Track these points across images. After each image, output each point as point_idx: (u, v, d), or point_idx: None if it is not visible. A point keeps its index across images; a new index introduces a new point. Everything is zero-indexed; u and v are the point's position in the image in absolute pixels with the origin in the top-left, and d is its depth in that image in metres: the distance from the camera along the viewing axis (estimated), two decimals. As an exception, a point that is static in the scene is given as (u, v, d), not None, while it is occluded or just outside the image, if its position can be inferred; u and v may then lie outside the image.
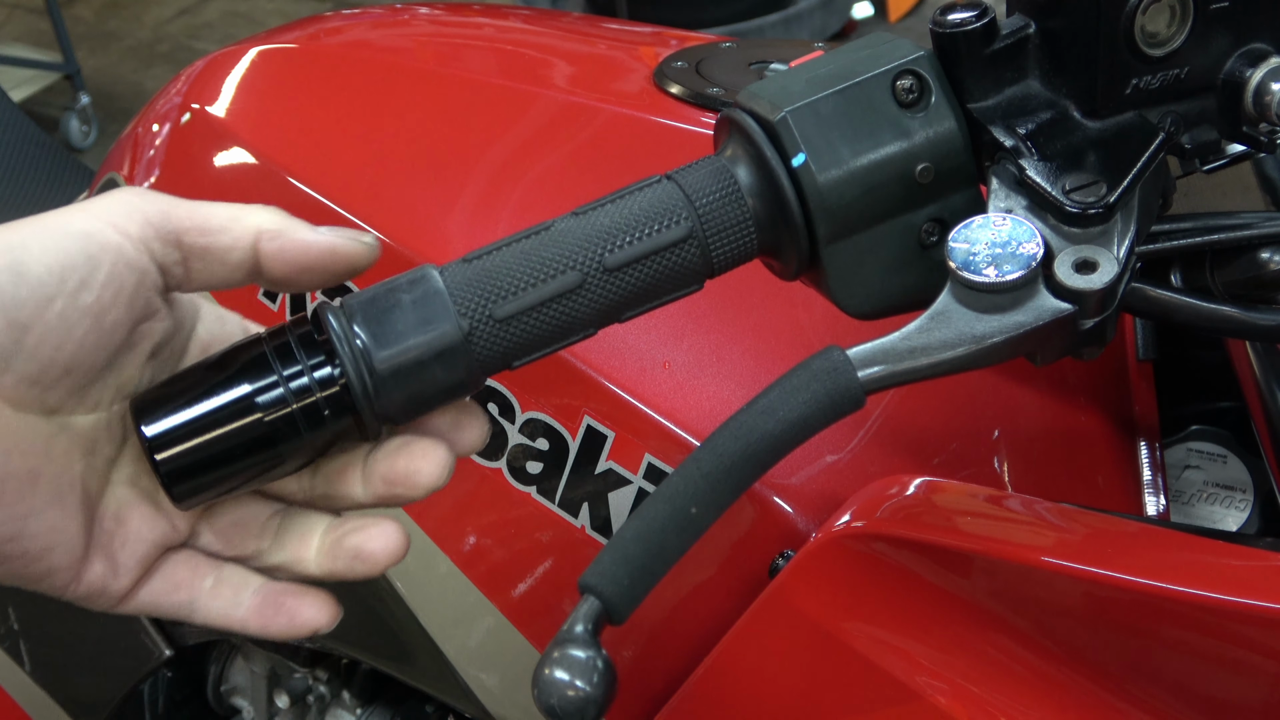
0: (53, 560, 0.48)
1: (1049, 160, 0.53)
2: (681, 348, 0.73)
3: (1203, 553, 0.52)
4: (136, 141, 1.06)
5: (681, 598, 0.71)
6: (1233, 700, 0.49)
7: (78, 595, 0.50)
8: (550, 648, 0.47)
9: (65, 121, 3.66)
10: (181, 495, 0.49)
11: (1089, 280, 0.50)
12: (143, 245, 0.47)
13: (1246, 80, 0.53)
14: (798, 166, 0.53)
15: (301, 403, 0.49)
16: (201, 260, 0.49)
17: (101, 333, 0.46)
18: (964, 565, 0.54)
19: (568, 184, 0.85)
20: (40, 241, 0.45)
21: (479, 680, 0.82)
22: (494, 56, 1.05)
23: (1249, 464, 0.72)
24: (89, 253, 0.45)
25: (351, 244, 0.51)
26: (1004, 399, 0.72)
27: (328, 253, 0.50)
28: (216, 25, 4.37)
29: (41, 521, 0.47)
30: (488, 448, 0.77)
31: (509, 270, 0.51)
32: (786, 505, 0.68)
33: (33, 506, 0.47)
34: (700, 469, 0.50)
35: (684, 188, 0.53)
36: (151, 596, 0.52)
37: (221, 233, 0.49)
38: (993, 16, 0.54)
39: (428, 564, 0.81)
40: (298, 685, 1.10)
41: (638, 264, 0.52)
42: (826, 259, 0.54)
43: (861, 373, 0.51)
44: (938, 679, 0.55)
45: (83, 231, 0.46)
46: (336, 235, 0.51)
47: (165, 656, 1.09)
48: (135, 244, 0.47)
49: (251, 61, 1.04)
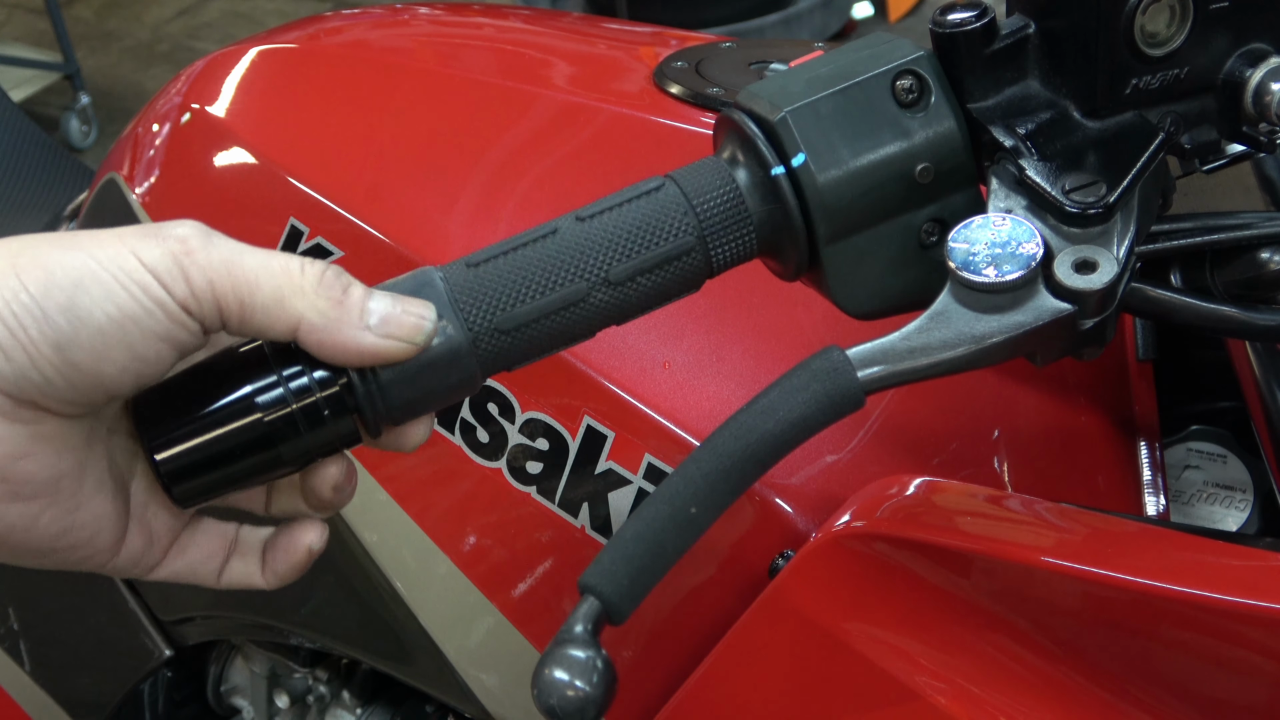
0: (96, 544, 0.50)
1: (1049, 160, 0.53)
2: (681, 348, 0.73)
3: (1203, 553, 0.52)
4: (136, 141, 1.06)
5: (681, 598, 0.71)
6: (1233, 700, 0.49)
7: (116, 566, 0.52)
8: (550, 648, 0.47)
9: (65, 121, 3.66)
10: (182, 495, 0.49)
11: (1089, 280, 0.50)
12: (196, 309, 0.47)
13: (1246, 80, 0.53)
14: (797, 166, 0.53)
15: (301, 403, 0.49)
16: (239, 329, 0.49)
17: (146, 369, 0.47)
18: (964, 565, 0.54)
19: (568, 184, 0.85)
20: (102, 287, 0.45)
21: (479, 680, 0.82)
22: (494, 56, 1.05)
23: (1249, 464, 0.72)
24: (146, 308, 0.46)
25: (399, 347, 0.49)
26: (1004, 399, 0.72)
27: (369, 357, 0.49)
28: (216, 25, 4.37)
29: (89, 511, 0.49)
30: (488, 448, 0.77)
31: (512, 280, 0.51)
32: (786, 505, 0.68)
33: (82, 499, 0.49)
34: (700, 469, 0.50)
35: (684, 189, 0.53)
36: (185, 563, 0.54)
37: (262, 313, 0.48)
38: (993, 16, 0.54)
39: (428, 564, 0.81)
40: (298, 685, 1.10)
41: (642, 276, 0.52)
42: (826, 259, 0.54)
43: (861, 373, 0.51)
44: (938, 679, 0.55)
45: (142, 285, 0.46)
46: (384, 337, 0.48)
47: (165, 656, 1.09)
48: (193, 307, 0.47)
49: (251, 61, 1.04)
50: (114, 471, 0.51)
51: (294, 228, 0.87)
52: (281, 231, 0.88)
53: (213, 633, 1.07)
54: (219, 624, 1.06)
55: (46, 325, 0.44)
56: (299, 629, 0.96)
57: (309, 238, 0.86)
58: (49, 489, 0.47)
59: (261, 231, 0.89)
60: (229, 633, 1.07)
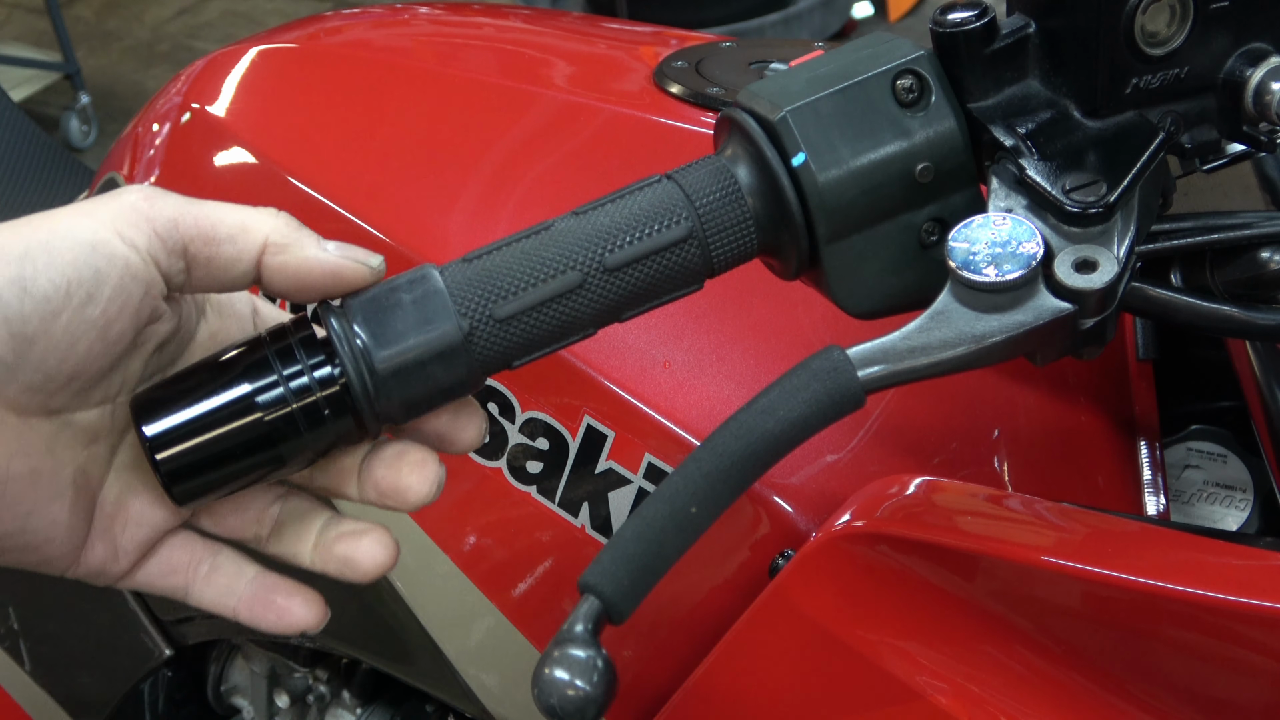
0: (52, 549, 0.49)
1: (1049, 160, 0.53)
2: (681, 347, 0.73)
3: (1203, 552, 0.52)
4: (136, 141, 1.06)
5: (681, 598, 0.71)
6: (1233, 700, 0.49)
7: (78, 575, 0.51)
8: (550, 647, 0.47)
9: (65, 121, 3.66)
10: (182, 495, 0.49)
11: (1089, 280, 0.50)
12: (149, 256, 0.47)
13: (1246, 80, 0.53)
14: (798, 166, 0.53)
15: (301, 402, 0.49)
16: (205, 269, 0.49)
17: (107, 342, 0.46)
18: (964, 565, 0.54)
19: (568, 184, 0.85)
20: (47, 254, 0.44)
21: (479, 680, 0.82)
22: (494, 56, 1.05)
23: (1249, 464, 0.72)
24: (95, 265, 0.45)
25: (356, 266, 0.50)
26: (1004, 399, 0.72)
27: (330, 274, 0.50)
28: (216, 25, 4.37)
29: (43, 517, 0.48)
30: (488, 447, 0.77)
31: (509, 270, 0.51)
32: (786, 505, 0.68)
33: (35, 505, 0.48)
34: (700, 469, 0.50)
35: (684, 187, 0.53)
36: (148, 578, 0.53)
37: (227, 243, 0.48)
38: (993, 16, 0.54)
39: (428, 564, 0.81)
40: (298, 685, 1.10)
41: (638, 264, 0.52)
42: (826, 259, 0.54)
43: (861, 372, 0.51)
44: (938, 679, 0.55)
45: (89, 242, 0.45)
46: (342, 256, 0.50)
47: (165, 656, 1.09)
48: (142, 255, 0.47)
49: (251, 61, 1.04)
50: (80, 482, 0.49)
51: (294, 227, 0.87)
52: (281, 231, 0.88)
53: (213, 632, 1.07)
54: (219, 623, 1.06)
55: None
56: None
57: (309, 237, 0.86)
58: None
59: (261, 231, 0.89)
60: (229, 632, 1.07)
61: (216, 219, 0.48)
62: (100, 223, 0.46)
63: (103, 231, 0.46)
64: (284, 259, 0.49)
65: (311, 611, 0.54)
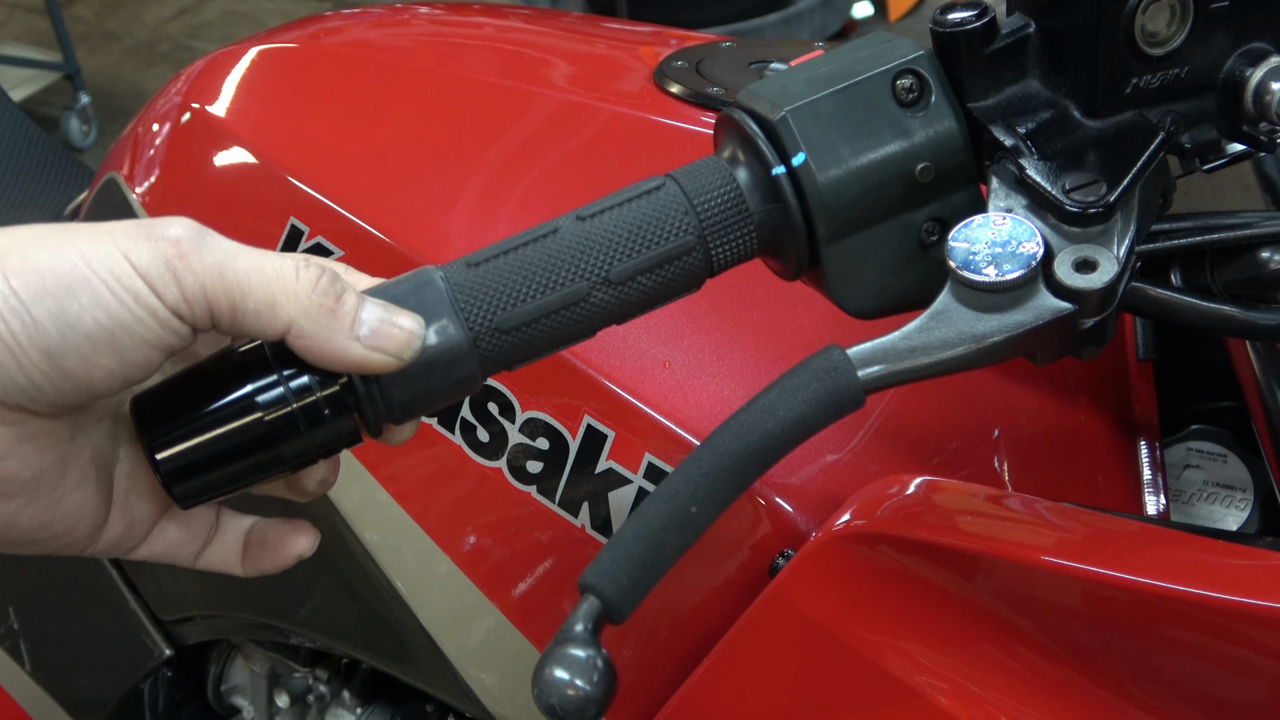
0: (76, 533, 0.50)
1: (1049, 159, 0.53)
2: (681, 347, 0.73)
3: (1203, 552, 0.52)
4: (136, 141, 1.06)
5: (681, 598, 0.71)
6: (1233, 700, 0.49)
7: (95, 552, 0.52)
8: (550, 647, 0.47)
9: (65, 121, 3.66)
10: (183, 495, 0.49)
11: (1089, 280, 0.50)
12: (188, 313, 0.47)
13: (1246, 79, 0.53)
14: (798, 166, 0.53)
15: (302, 402, 0.49)
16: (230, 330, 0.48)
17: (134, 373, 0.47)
18: (964, 565, 0.54)
19: (568, 183, 0.85)
20: (92, 293, 0.45)
21: (479, 680, 0.82)
22: (494, 56, 1.05)
23: (1249, 464, 0.72)
24: (137, 315, 0.45)
25: (385, 360, 0.49)
26: (1004, 399, 0.72)
27: (355, 366, 0.49)
28: (216, 25, 4.37)
29: (70, 503, 0.49)
30: (488, 447, 0.77)
31: (513, 279, 0.51)
32: (786, 505, 0.68)
33: (65, 491, 0.49)
34: (700, 468, 0.50)
35: (684, 188, 0.53)
36: (164, 545, 0.54)
37: (252, 316, 0.47)
38: (993, 16, 0.54)
39: (428, 564, 0.81)
40: (298, 685, 1.10)
41: (642, 275, 0.52)
42: (826, 258, 0.54)
43: (861, 372, 0.51)
44: (938, 679, 0.55)
45: (132, 292, 0.45)
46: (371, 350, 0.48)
47: (165, 656, 1.10)
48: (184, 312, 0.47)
49: (251, 61, 1.04)
50: (98, 461, 0.51)
51: (294, 227, 0.87)
52: (281, 231, 0.88)
53: (213, 632, 1.07)
54: (219, 623, 1.06)
55: (36, 332, 0.44)
56: (299, 628, 0.96)
57: (309, 237, 0.86)
58: (30, 487, 0.47)
59: (261, 231, 0.89)
60: (229, 632, 1.07)
61: (246, 290, 0.47)
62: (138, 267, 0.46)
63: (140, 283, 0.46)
64: (307, 344, 0.48)
65: (304, 537, 0.56)
